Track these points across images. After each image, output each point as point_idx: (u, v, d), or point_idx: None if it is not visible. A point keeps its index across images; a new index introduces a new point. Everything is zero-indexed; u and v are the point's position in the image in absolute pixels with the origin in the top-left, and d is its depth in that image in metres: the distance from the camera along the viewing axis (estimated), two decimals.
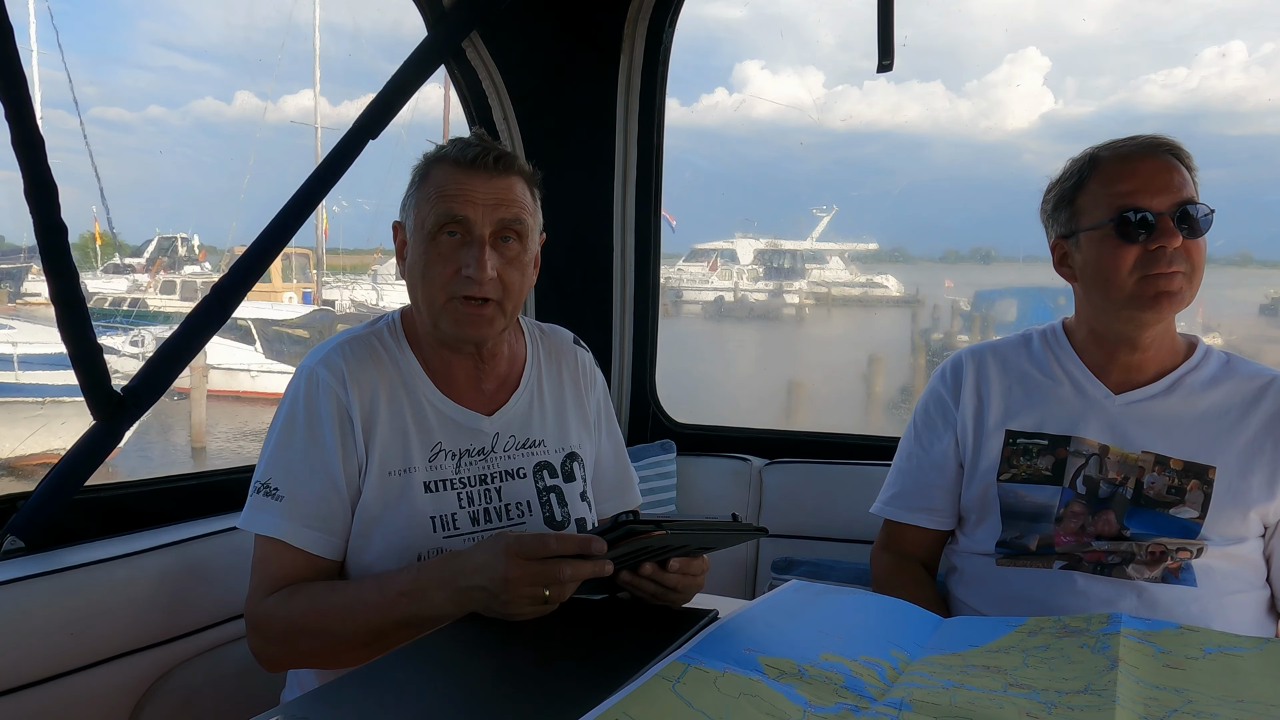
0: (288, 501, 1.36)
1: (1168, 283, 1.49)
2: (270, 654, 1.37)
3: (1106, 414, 1.59)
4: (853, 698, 0.98)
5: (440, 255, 1.40)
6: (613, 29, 2.39)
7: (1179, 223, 1.48)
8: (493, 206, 1.39)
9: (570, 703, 0.92)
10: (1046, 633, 1.18)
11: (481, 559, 1.17)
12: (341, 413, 1.40)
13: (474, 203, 1.38)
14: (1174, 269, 1.48)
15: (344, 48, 25.86)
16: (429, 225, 1.40)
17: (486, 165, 1.40)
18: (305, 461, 1.39)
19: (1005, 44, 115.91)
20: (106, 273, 21.71)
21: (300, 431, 1.40)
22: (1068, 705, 0.95)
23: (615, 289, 2.61)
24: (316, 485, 1.38)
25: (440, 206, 1.39)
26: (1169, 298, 1.50)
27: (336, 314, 18.79)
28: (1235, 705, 0.97)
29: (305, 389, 1.42)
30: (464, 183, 1.39)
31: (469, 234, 1.39)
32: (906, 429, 1.81)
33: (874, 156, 74.53)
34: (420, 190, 1.43)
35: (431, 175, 1.42)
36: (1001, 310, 17.43)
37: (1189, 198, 1.49)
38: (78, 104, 20.91)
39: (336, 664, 1.33)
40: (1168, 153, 1.52)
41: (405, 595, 1.24)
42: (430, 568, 1.26)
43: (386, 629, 1.25)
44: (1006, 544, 1.61)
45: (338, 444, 1.39)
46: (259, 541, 1.39)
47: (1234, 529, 1.51)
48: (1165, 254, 1.47)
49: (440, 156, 1.43)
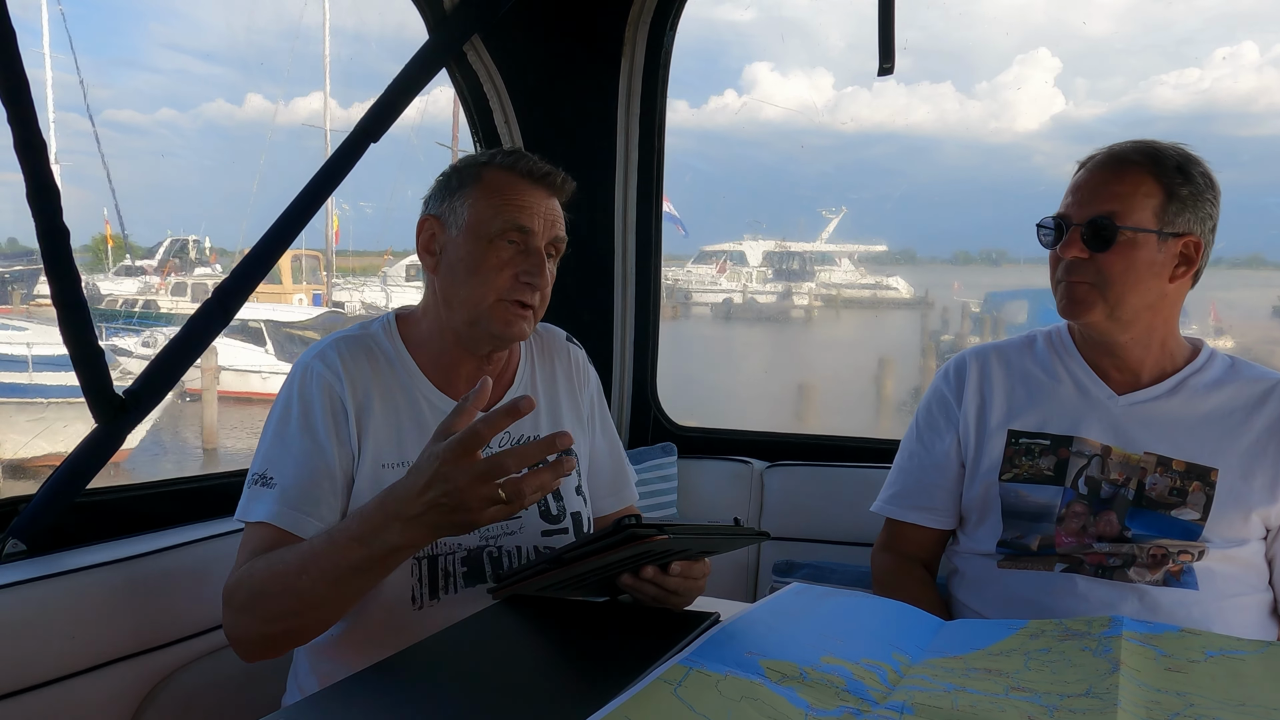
0: (279, 488, 1.36)
1: (1072, 290, 1.54)
2: (241, 630, 1.32)
3: (1109, 415, 1.59)
4: (854, 701, 0.98)
5: (499, 259, 1.43)
6: (614, 32, 2.39)
7: (1086, 234, 1.51)
8: (550, 223, 1.47)
9: (571, 706, 0.92)
10: (1048, 635, 1.18)
11: (423, 479, 1.12)
12: (335, 403, 1.41)
13: (538, 216, 1.45)
14: (1075, 278, 1.53)
15: (353, 50, 25.83)
16: (493, 228, 1.43)
17: (554, 185, 1.48)
18: (298, 448, 1.39)
19: (1015, 45, 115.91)
20: (118, 275, 21.84)
21: (295, 422, 1.41)
22: (1069, 709, 0.95)
23: (616, 291, 2.61)
24: (307, 471, 1.38)
25: (507, 213, 1.43)
26: (1071, 304, 1.55)
27: (347, 315, 18.84)
28: (1237, 709, 0.96)
29: (300, 382, 1.43)
30: (530, 194, 1.45)
31: (527, 244, 1.44)
32: (909, 428, 1.81)
33: (883, 158, 74.52)
34: (478, 190, 1.45)
35: (490, 179, 1.46)
36: (1012, 312, 17.37)
37: (1108, 211, 1.50)
38: (89, 107, 20.99)
39: (304, 632, 1.31)
40: (1136, 161, 1.52)
41: (356, 540, 1.20)
42: (373, 507, 1.20)
43: (344, 576, 1.21)
44: (1007, 544, 1.61)
45: (331, 433, 1.40)
46: (247, 529, 1.38)
47: (1235, 531, 1.51)
48: (1066, 262, 1.53)
49: (503, 165, 1.47)
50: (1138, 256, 1.51)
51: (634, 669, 1.01)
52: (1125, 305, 1.53)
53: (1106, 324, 1.55)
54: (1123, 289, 1.51)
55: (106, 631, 1.51)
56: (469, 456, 1.10)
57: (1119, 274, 1.51)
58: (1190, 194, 1.52)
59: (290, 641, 1.37)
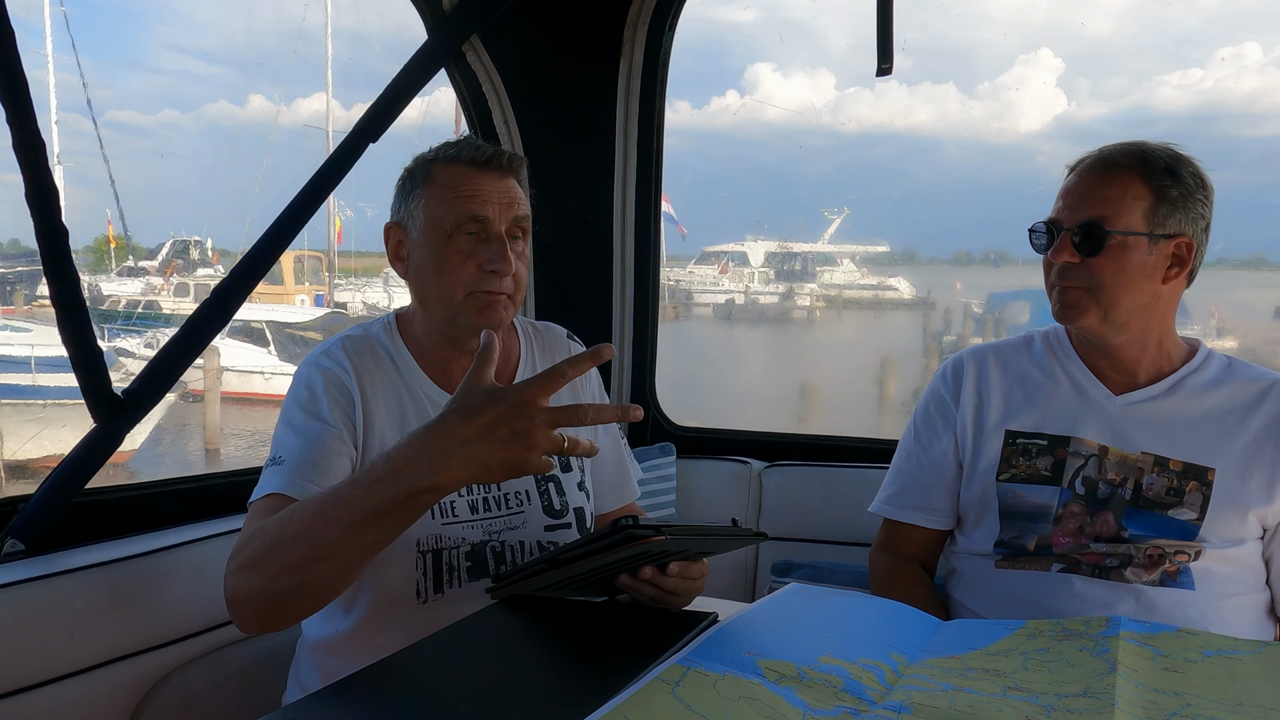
0: (288, 463, 1.36)
1: (1064, 295, 1.55)
2: (244, 589, 1.23)
3: (1106, 415, 1.59)
4: (852, 700, 0.98)
5: (460, 253, 1.43)
6: (612, 32, 2.39)
7: (1077, 239, 1.51)
8: (506, 205, 1.45)
9: (570, 706, 0.92)
10: (1045, 635, 1.18)
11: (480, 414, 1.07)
12: (343, 393, 1.43)
13: (490, 202, 1.43)
14: (1068, 283, 1.54)
15: (355, 50, 25.83)
16: (447, 224, 1.43)
17: (500, 166, 1.46)
18: (304, 429, 1.39)
19: (1017, 45, 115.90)
20: (120, 275, 21.89)
21: (301, 408, 1.42)
22: (1067, 708, 0.95)
23: (615, 292, 2.61)
24: (314, 446, 1.37)
25: (458, 206, 1.43)
26: (1064, 309, 1.56)
27: (350, 316, 18.85)
28: (1234, 709, 0.97)
29: (307, 375, 1.45)
30: (479, 182, 1.44)
31: (486, 232, 1.44)
32: (906, 428, 1.81)
33: (885, 158, 74.51)
34: (429, 190, 1.45)
35: (439, 175, 1.45)
36: (1014, 312, 17.35)
37: (1098, 215, 1.50)
38: (91, 107, 21.00)
39: (309, 590, 1.22)
40: (1125, 165, 1.52)
41: (380, 481, 1.12)
42: (400, 447, 1.12)
43: (361, 520, 1.13)
44: (1005, 544, 1.61)
45: (338, 416, 1.41)
46: (253, 508, 1.33)
47: (1232, 531, 1.51)
48: (1058, 267, 1.54)
49: (447, 158, 1.46)
50: (1128, 259, 1.51)
51: (632, 669, 1.02)
52: (1119, 308, 1.53)
53: (1101, 327, 1.56)
54: (1115, 292, 1.52)
55: (105, 631, 1.51)
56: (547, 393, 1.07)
57: (1110, 277, 1.51)
58: (1180, 195, 1.51)
59: (294, 605, 1.26)
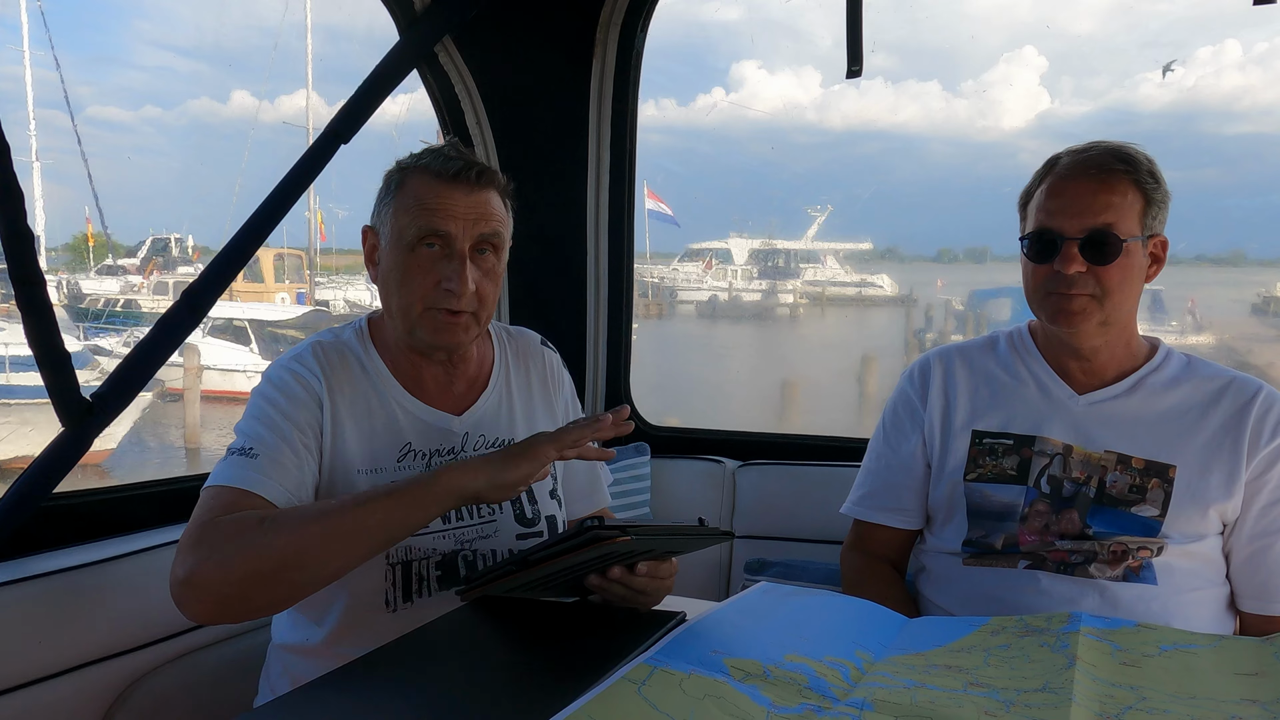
0: (263, 459, 1.33)
1: (1068, 303, 1.53)
2: (213, 573, 1.20)
3: (1070, 414, 1.61)
4: (816, 698, 0.99)
5: (420, 267, 1.41)
6: (585, 33, 2.39)
7: (1085, 248, 1.51)
8: (473, 221, 1.41)
9: (537, 706, 0.93)
10: (1008, 632, 1.20)
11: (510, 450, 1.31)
12: (312, 396, 1.41)
13: (455, 217, 1.40)
14: (1075, 291, 1.52)
15: (337, 48, 25.78)
16: (409, 236, 1.41)
17: (468, 180, 1.41)
18: (278, 426, 1.37)
19: (1002, 43, 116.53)
20: (100, 274, 21.60)
21: (275, 407, 1.39)
22: (1025, 704, 0.97)
23: (589, 292, 2.61)
24: (288, 452, 1.36)
25: (421, 219, 1.40)
26: (1068, 316, 1.54)
27: (333, 314, 18.71)
28: (1188, 702, 0.99)
29: (279, 377, 1.43)
30: (445, 196, 1.40)
31: (448, 247, 1.41)
32: (875, 430, 1.83)
33: (871, 156, 74.77)
34: (398, 199, 1.43)
35: (409, 185, 1.43)
36: (995, 309, 17.37)
37: (1105, 223, 1.50)
38: (70, 103, 20.71)
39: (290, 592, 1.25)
40: (1119, 170, 1.52)
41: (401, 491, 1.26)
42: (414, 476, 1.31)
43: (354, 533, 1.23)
44: (973, 543, 1.63)
45: (306, 421, 1.39)
46: (214, 492, 1.30)
47: (1193, 527, 1.54)
48: (1066, 277, 1.52)
49: (419, 166, 1.43)
50: (1131, 264, 1.53)
51: (600, 669, 1.03)
52: (1119, 312, 1.55)
53: (1096, 330, 1.56)
54: (1119, 298, 1.53)
55: (75, 636, 1.50)
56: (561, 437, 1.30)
57: (1117, 284, 1.52)
58: (1160, 196, 1.55)
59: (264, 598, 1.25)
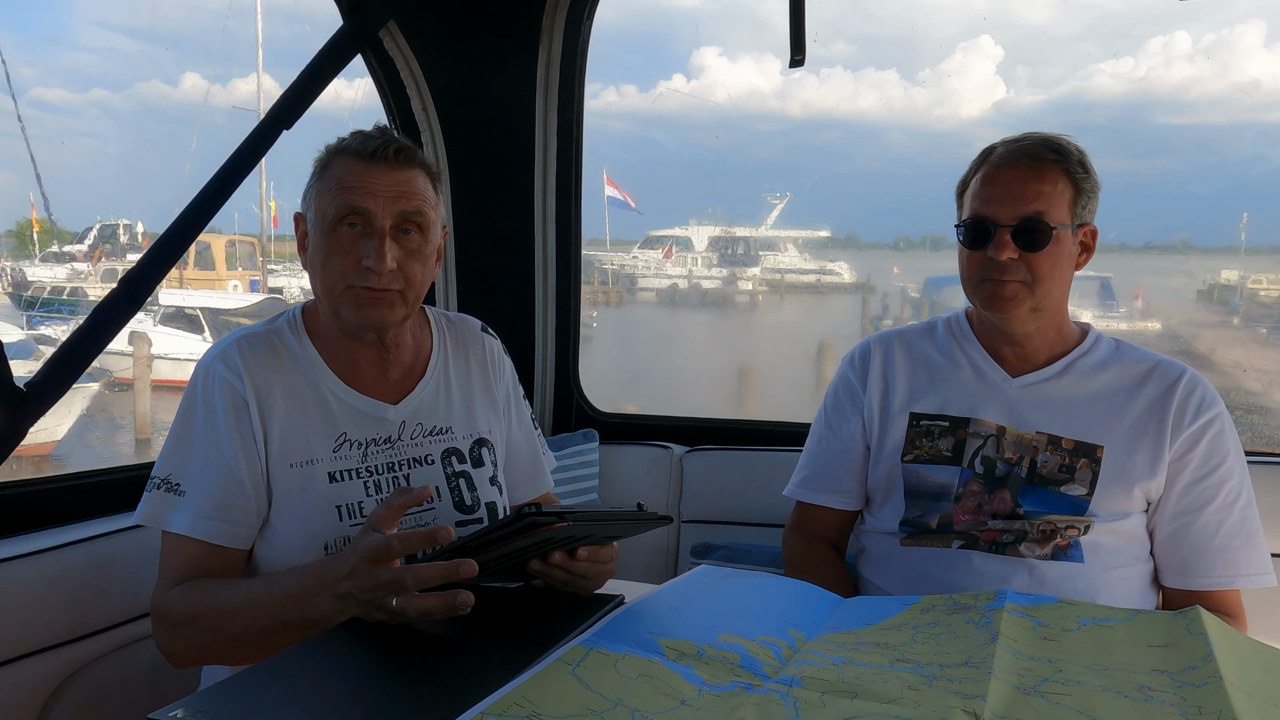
0: (189, 496, 1.36)
1: (1001, 289, 1.58)
2: (173, 648, 1.36)
3: (1004, 396, 1.66)
4: (747, 676, 1.02)
5: (340, 246, 1.40)
6: (531, 19, 2.39)
7: (1017, 235, 1.55)
8: (393, 199, 1.40)
9: (473, 688, 0.94)
10: (938, 610, 1.24)
11: (346, 566, 1.17)
12: (238, 404, 1.40)
13: (374, 195, 1.40)
14: (1007, 278, 1.57)
15: (292, 30, 25.28)
16: (329, 217, 1.40)
17: (387, 158, 1.41)
18: (203, 454, 1.38)
19: (959, 32, 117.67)
20: (45, 261, 21.04)
21: (198, 424, 1.40)
22: (947, 678, 1.00)
23: (537, 279, 2.61)
24: (214, 476, 1.37)
25: (340, 198, 1.39)
26: (1001, 301, 1.59)
27: (287, 301, 18.41)
28: (1101, 673, 1.03)
29: (201, 384, 1.42)
30: (364, 175, 1.40)
31: (369, 226, 1.40)
32: (818, 413, 1.86)
33: (830, 143, 75.15)
34: (321, 182, 1.43)
35: (332, 167, 1.43)
36: (949, 296, 17.63)
37: (1036, 211, 1.54)
38: (11, 84, 20.08)
39: (236, 660, 1.32)
40: (1050, 159, 1.56)
41: (290, 598, 1.23)
42: (312, 572, 1.24)
43: (275, 629, 1.25)
44: (909, 523, 1.67)
45: (234, 435, 1.39)
46: (165, 536, 1.39)
47: (1119, 505, 1.59)
48: (999, 263, 1.56)
49: (341, 149, 1.43)
50: (1061, 252, 1.57)
51: (538, 651, 1.04)
52: (1050, 298, 1.59)
53: (1028, 316, 1.60)
54: (1050, 285, 1.58)
55: (9, 629, 1.48)
56: (379, 564, 1.14)
57: (1048, 271, 1.56)
58: (1090, 186, 1.60)
59: (221, 661, 1.40)
